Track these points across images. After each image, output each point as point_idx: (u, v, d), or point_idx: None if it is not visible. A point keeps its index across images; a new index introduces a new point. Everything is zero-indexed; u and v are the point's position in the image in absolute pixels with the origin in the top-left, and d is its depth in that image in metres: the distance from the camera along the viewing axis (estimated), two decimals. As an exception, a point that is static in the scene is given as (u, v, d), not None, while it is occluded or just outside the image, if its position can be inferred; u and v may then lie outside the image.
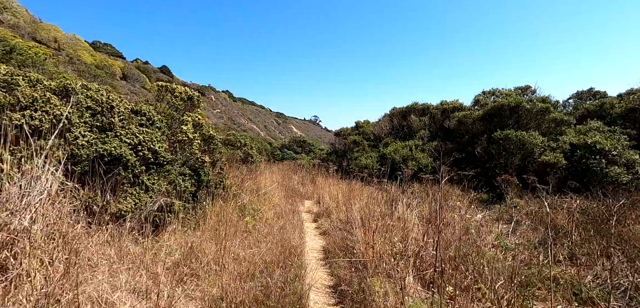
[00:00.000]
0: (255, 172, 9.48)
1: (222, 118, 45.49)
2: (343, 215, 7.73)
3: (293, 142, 36.94)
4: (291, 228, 6.08)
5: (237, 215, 5.34)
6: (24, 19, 31.42)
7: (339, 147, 23.07)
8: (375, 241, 4.28)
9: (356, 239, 4.75)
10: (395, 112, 18.02)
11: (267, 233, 5.14)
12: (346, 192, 8.93)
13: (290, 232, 5.82)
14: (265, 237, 4.99)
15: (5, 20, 29.19)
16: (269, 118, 65.05)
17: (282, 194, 10.04)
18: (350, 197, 7.98)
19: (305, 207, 10.55)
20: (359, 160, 15.74)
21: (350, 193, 8.05)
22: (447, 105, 15.95)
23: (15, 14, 30.80)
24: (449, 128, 14.72)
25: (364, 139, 19.73)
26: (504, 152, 11.34)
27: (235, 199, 6.18)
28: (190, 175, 4.84)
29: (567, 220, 6.77)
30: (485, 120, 12.83)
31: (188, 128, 4.93)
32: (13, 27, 28.98)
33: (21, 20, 30.86)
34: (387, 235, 4.64)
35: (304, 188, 13.74)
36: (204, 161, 5.00)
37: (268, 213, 6.74)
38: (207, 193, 5.35)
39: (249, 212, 5.91)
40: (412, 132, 16.51)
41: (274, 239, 4.91)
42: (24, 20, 31.27)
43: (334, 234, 6.19)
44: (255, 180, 8.61)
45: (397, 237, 4.53)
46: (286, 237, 5.22)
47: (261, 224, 5.72)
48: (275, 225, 5.90)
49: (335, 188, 10.42)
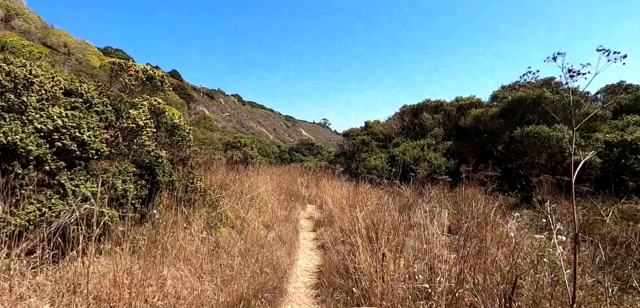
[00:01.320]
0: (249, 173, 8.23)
1: (231, 121, 44.65)
2: (347, 222, 6.40)
3: (301, 144, 35.76)
4: (280, 242, 4.78)
5: (204, 227, 4.08)
6: (36, 25, 31.13)
7: (347, 148, 21.72)
8: (385, 266, 2.94)
9: (359, 261, 3.42)
10: (406, 110, 16.60)
11: (246, 252, 3.85)
12: (351, 196, 7.60)
13: (279, 247, 4.51)
14: (241, 256, 3.70)
15: (16, 26, 28.89)
16: (278, 121, 64.03)
17: (282, 198, 8.77)
18: (356, 201, 6.64)
19: (306, 213, 9.24)
20: (368, 162, 14.36)
21: (355, 197, 6.71)
22: (462, 101, 14.47)
23: (26, 20, 30.52)
24: (465, 126, 13.23)
25: (373, 139, 18.35)
26: (528, 151, 9.83)
27: (213, 206, 4.92)
28: (140, 174, 3.63)
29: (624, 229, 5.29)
30: (504, 116, 11.33)
31: (138, 113, 3.73)
32: (24, 33, 28.65)
33: (33, 26, 30.57)
34: (403, 257, 3.29)
35: (308, 192, 12.45)
36: (159, 156, 3.79)
37: (256, 222, 5.45)
38: (171, 198, 4.11)
39: (226, 223, 4.64)
40: (424, 131, 15.06)
41: (253, 260, 3.62)
42: (35, 26, 30.97)
43: (334, 250, 4.87)
44: (248, 183, 7.35)
45: (416, 259, 3.18)
46: (270, 257, 3.91)
47: (242, 238, 4.43)
48: (262, 238, 4.61)
49: (339, 191, 9.09)
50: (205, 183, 4.94)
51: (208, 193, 4.78)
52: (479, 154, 11.88)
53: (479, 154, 11.86)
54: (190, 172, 4.49)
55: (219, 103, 47.58)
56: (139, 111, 3.80)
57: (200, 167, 6.59)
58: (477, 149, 12.08)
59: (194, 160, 4.70)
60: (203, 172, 6.45)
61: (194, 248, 3.41)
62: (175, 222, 3.68)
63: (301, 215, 8.85)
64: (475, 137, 12.42)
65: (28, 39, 27.76)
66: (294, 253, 4.92)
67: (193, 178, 4.48)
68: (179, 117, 4.57)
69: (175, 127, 4.34)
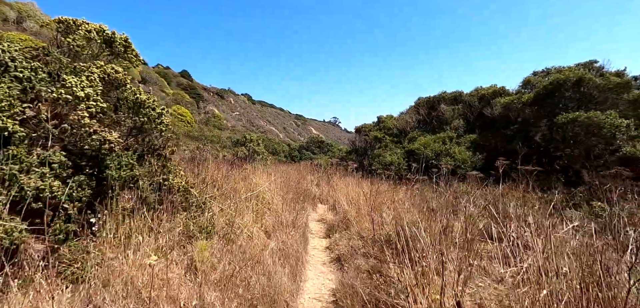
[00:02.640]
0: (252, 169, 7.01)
1: (240, 120, 43.74)
2: (366, 227, 5.12)
3: (311, 142, 34.57)
4: (283, 256, 3.54)
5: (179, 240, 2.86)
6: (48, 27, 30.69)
7: (359, 144, 20.40)
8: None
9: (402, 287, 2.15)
10: (421, 103, 15.19)
11: (231, 276, 2.61)
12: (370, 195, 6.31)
13: (280, 264, 3.27)
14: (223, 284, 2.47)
15: (28, 27, 28.47)
16: (288, 120, 62.92)
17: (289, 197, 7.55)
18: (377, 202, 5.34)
19: (317, 214, 7.98)
20: (383, 158, 13.03)
21: (376, 197, 5.42)
22: (484, 91, 13.00)
23: (38, 21, 30.08)
24: (491, 116, 11.77)
25: (387, 134, 17.00)
26: (573, 141, 8.36)
27: (200, 209, 3.71)
28: (76, 166, 2.45)
29: None
30: (538, 103, 9.85)
31: (78, 81, 2.56)
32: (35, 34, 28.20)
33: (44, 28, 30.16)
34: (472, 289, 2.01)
35: (319, 190, 11.19)
36: (107, 141, 2.60)
37: (255, 229, 4.21)
38: (139, 201, 2.91)
39: (214, 231, 3.42)
40: (442, 124, 13.64)
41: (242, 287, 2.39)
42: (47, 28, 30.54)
43: (355, 265, 3.60)
44: (250, 180, 6.12)
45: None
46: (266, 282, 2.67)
47: (231, 252, 3.20)
48: (259, 253, 3.38)
49: (354, 189, 7.80)
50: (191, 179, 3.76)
51: (191, 193, 3.59)
52: (508, 145, 10.44)
53: (508, 146, 10.42)
54: (164, 165, 3.31)
55: (229, 102, 46.74)
56: (81, 78, 2.62)
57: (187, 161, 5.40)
58: (507, 141, 10.64)
59: (169, 150, 3.51)
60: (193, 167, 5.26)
61: (147, 277, 2.20)
62: (127, 234, 2.50)
63: (311, 217, 7.59)
64: (504, 127, 10.96)
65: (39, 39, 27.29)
66: (301, 272, 3.67)
67: (168, 174, 3.29)
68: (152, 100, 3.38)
69: (139, 104, 3.14)
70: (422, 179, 7.69)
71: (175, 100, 33.72)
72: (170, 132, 3.79)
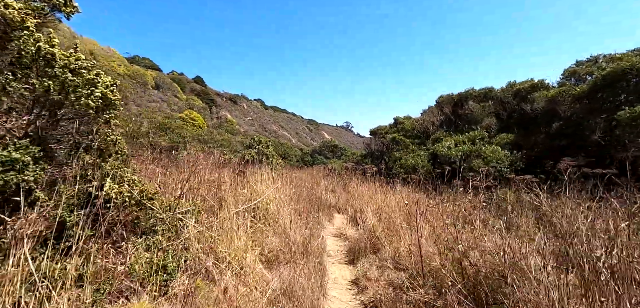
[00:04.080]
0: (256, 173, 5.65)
1: (253, 125, 42.82)
2: (404, 250, 3.71)
3: (324, 146, 33.26)
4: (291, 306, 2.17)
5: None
6: (64, 34, 30.48)
7: (375, 147, 18.91)
8: None
9: None
10: (445, 100, 13.64)
11: None
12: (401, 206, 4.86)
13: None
14: None
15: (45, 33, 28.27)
16: (301, 125, 61.76)
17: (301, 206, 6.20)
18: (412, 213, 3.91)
19: (334, 227, 6.58)
20: (405, 161, 11.55)
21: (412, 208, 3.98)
22: (520, 85, 11.38)
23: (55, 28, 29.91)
24: (534, 112, 10.16)
25: (405, 136, 15.49)
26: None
27: (166, 232, 2.39)
28: None
29: None
30: (593, 96, 8.21)
31: None
32: (51, 42, 27.98)
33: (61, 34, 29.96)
34: None
35: (334, 197, 9.79)
36: None
37: (250, 258, 2.86)
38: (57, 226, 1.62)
39: (174, 271, 2.09)
40: (470, 123, 12.06)
41: None
42: (63, 35, 30.34)
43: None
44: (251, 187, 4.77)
45: None
46: None
47: (208, 297, 1.83)
48: (251, 300, 2.01)
49: (379, 197, 6.38)
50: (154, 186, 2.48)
51: (150, 207, 2.29)
52: (553, 145, 8.81)
53: (553, 145, 8.79)
54: (98, 164, 2.03)
55: (242, 107, 45.95)
56: None
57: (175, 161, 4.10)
58: (550, 139, 9.01)
59: (109, 138, 2.25)
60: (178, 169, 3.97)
61: None
62: None
63: (328, 231, 6.20)
64: (547, 125, 9.34)
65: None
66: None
67: (106, 178, 2.01)
68: (75, 58, 2.14)
69: (46, 60, 1.86)
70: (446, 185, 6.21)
71: (188, 105, 33.02)
72: (116, 114, 2.50)
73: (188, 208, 2.95)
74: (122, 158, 2.86)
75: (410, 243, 3.61)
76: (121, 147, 2.95)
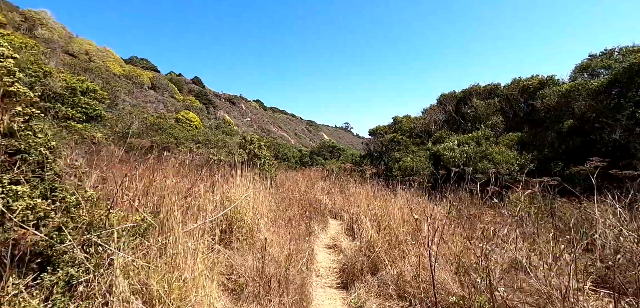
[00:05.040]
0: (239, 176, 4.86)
1: (252, 126, 42.06)
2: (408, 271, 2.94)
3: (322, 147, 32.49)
4: None
5: None
6: (59, 34, 29.78)
7: (374, 148, 18.17)
8: None
9: None
10: (447, 98, 12.87)
11: None
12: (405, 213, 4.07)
13: None
14: None
15: (39, 34, 27.54)
16: (300, 126, 60.93)
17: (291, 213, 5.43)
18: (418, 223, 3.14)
19: (328, 236, 5.81)
20: (404, 162, 10.77)
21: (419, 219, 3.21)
22: (527, 82, 10.61)
23: (50, 29, 29.18)
24: (538, 111, 9.39)
25: (405, 136, 14.72)
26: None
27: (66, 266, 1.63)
28: None
29: None
30: (611, 91, 7.45)
31: None
32: (46, 41, 27.29)
33: (56, 35, 29.20)
34: None
35: (330, 201, 9.04)
36: None
37: (202, 294, 2.06)
38: None
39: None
40: (475, 121, 11.29)
41: None
42: (59, 35, 29.63)
43: None
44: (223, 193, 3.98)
45: None
46: None
47: None
48: None
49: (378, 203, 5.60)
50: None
51: (53, 228, 1.55)
52: (566, 144, 8.04)
53: (567, 144, 8.02)
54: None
55: (240, 108, 45.18)
56: None
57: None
58: (561, 139, 8.24)
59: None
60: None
61: None
62: None
63: (320, 241, 5.42)
64: (558, 122, 8.56)
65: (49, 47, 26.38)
66: None
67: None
68: None
69: None
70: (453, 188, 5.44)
71: (185, 105, 32.26)
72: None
73: (126, 225, 2.17)
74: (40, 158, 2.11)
75: (417, 265, 2.83)
76: (44, 141, 2.19)
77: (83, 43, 30.34)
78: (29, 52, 11.60)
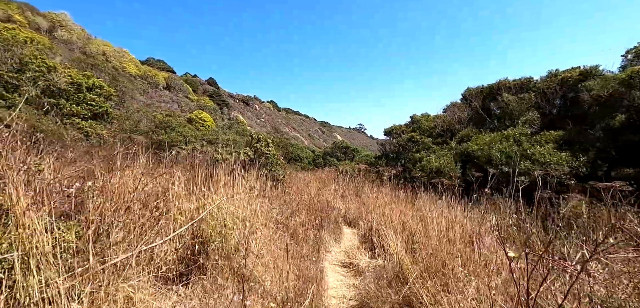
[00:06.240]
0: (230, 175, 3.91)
1: (265, 127, 41.44)
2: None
3: (336, 148, 31.39)
4: None
5: None
6: (78, 35, 29.92)
7: (390, 148, 16.99)
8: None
9: None
10: (473, 94, 11.61)
11: None
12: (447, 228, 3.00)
13: None
14: None
15: (59, 36, 27.72)
16: (314, 127, 59.97)
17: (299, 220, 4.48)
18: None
19: (342, 248, 4.77)
20: (427, 163, 9.61)
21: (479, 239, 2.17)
22: (565, 74, 9.28)
23: (69, 31, 29.36)
24: (582, 105, 8.09)
25: (425, 135, 13.51)
26: None
27: None
28: None
29: None
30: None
31: None
32: (65, 42, 27.46)
33: (74, 36, 29.36)
34: None
35: (344, 205, 8.01)
36: None
37: None
38: None
39: None
40: (505, 118, 10.02)
41: None
42: (77, 37, 29.76)
43: None
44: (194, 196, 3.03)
45: None
46: None
47: None
48: None
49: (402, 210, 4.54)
50: None
51: None
52: (626, 142, 6.73)
53: (626, 143, 6.72)
54: None
55: (254, 109, 44.68)
56: None
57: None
58: (612, 137, 6.93)
59: None
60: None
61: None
62: None
63: (333, 257, 4.39)
64: (609, 118, 7.25)
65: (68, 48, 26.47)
66: None
67: None
68: None
69: None
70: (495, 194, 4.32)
71: (199, 105, 31.89)
72: None
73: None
74: None
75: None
76: None
77: (100, 44, 30.43)
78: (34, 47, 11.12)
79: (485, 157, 7.84)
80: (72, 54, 22.19)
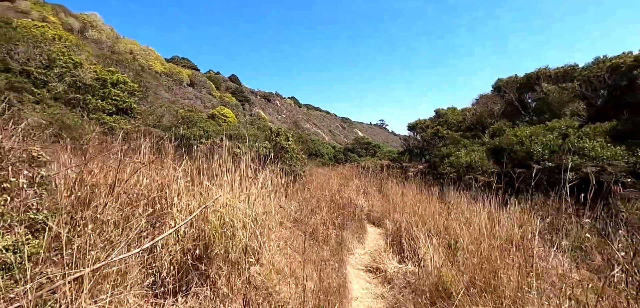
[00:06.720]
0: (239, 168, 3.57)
1: (286, 123, 41.42)
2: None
3: (357, 144, 30.76)
4: None
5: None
6: (107, 35, 31.00)
7: (414, 144, 16.28)
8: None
9: None
10: (508, 84, 10.72)
11: None
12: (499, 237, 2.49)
13: None
14: None
15: (89, 36, 28.81)
16: (334, 123, 59.39)
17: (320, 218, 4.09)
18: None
19: (367, 250, 4.33)
20: (457, 158, 8.93)
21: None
22: (615, 60, 8.30)
23: (99, 31, 30.47)
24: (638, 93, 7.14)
25: (452, 130, 12.71)
26: None
27: None
28: None
29: None
30: None
31: None
32: (95, 41, 28.50)
33: (104, 35, 30.44)
34: None
35: (368, 201, 7.52)
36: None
37: None
38: None
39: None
40: (544, 111, 9.13)
41: None
42: (106, 36, 30.84)
43: None
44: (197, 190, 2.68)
45: None
46: None
47: None
48: None
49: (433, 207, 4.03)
50: None
51: None
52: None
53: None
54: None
55: (275, 105, 44.77)
56: None
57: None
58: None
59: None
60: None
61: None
62: None
63: (356, 259, 3.96)
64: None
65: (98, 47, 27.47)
66: None
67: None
68: None
69: None
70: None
71: (222, 102, 32.25)
72: None
73: None
74: None
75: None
76: None
77: (128, 43, 31.39)
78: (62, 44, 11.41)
79: (524, 151, 7.10)
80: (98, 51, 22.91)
